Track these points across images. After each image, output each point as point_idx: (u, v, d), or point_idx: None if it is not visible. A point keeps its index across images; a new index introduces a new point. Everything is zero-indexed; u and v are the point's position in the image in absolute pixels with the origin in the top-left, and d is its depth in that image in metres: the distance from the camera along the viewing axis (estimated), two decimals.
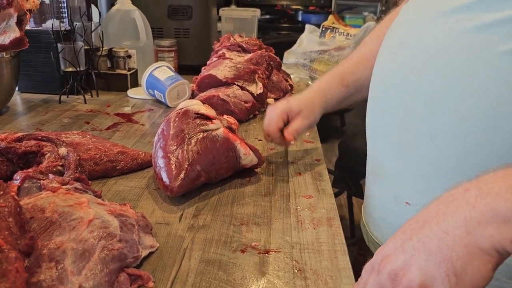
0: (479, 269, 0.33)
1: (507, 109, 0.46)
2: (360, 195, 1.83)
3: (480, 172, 0.36)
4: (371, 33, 0.82)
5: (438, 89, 0.51)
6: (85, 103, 1.14)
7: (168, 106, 1.12)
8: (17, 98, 1.16)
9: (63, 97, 1.16)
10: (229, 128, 0.73)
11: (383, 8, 3.49)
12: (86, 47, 1.17)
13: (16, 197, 0.48)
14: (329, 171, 0.81)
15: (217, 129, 0.69)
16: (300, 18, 3.79)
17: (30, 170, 0.54)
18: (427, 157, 0.54)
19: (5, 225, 0.43)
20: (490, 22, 0.47)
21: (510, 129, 0.46)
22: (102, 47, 1.21)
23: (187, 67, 1.46)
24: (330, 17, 2.19)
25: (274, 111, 0.79)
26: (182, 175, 0.64)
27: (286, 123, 0.79)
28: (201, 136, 0.68)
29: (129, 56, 1.27)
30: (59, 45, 1.11)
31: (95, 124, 0.98)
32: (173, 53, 1.41)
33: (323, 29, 2.13)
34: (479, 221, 0.33)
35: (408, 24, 0.58)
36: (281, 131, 0.78)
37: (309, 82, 1.58)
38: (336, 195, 2.09)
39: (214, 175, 0.68)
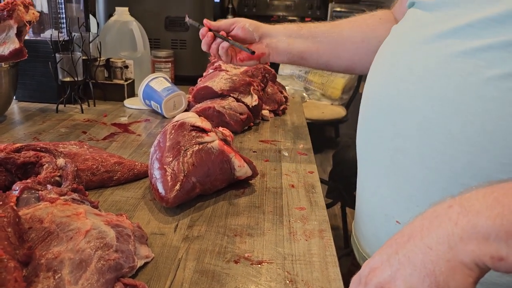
0: (461, 282, 0.34)
1: (493, 134, 0.48)
2: (354, 205, 1.84)
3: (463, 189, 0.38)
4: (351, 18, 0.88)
5: (427, 113, 0.53)
6: (82, 112, 1.15)
7: (164, 117, 1.13)
8: (14, 107, 1.17)
9: (60, 106, 1.17)
10: (224, 140, 0.74)
11: None
12: (84, 57, 1.18)
13: (15, 208, 0.49)
14: (323, 181, 0.83)
15: (213, 141, 0.71)
16: None
17: (28, 180, 0.55)
18: (417, 178, 0.55)
19: (4, 235, 0.45)
20: (477, 47, 0.49)
21: (496, 152, 0.48)
22: (100, 57, 1.23)
23: (183, 78, 1.48)
24: None
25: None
26: (177, 187, 0.65)
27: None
28: (197, 148, 0.69)
29: (126, 67, 1.29)
30: (57, 55, 1.12)
31: (92, 134, 1.00)
32: (170, 63, 1.42)
33: None
34: (461, 237, 0.34)
35: (398, 48, 0.60)
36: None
37: (304, 94, 1.61)
38: (330, 205, 2.11)
39: (209, 187, 0.70)
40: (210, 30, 0.87)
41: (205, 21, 0.87)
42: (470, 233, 0.34)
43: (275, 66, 1.93)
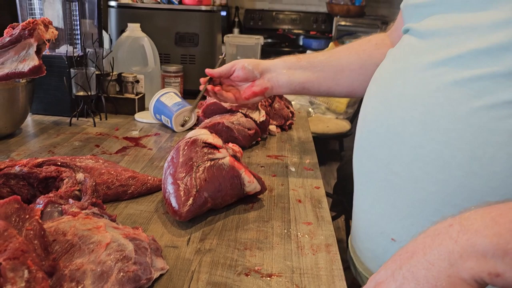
0: None
1: (482, 160, 0.51)
2: None
3: (462, 210, 0.41)
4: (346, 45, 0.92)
5: (420, 139, 0.56)
6: (95, 126, 1.19)
7: (174, 131, 1.17)
8: (29, 120, 1.21)
9: (73, 120, 1.21)
10: (234, 156, 0.77)
11: None
12: (97, 72, 1.22)
13: (40, 221, 0.52)
14: (328, 195, 0.85)
15: (224, 157, 0.74)
16: (301, 43, 3.88)
17: (51, 195, 0.58)
18: (411, 199, 0.58)
19: (31, 247, 0.48)
20: (467, 78, 0.52)
21: (485, 177, 0.51)
22: (112, 72, 1.27)
23: (192, 92, 1.51)
24: (331, 44, 2.26)
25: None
26: (190, 201, 0.68)
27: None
28: (209, 164, 0.72)
29: (137, 81, 1.32)
30: (72, 70, 1.16)
31: (104, 148, 1.03)
32: (179, 78, 1.46)
33: None
34: (460, 255, 0.37)
35: (393, 74, 0.64)
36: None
37: (310, 109, 1.64)
38: (334, 218, 2.13)
39: (220, 202, 0.73)
40: (210, 80, 0.93)
41: (207, 71, 0.93)
42: (469, 251, 0.37)
43: None
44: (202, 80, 0.94)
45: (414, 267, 0.40)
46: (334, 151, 3.07)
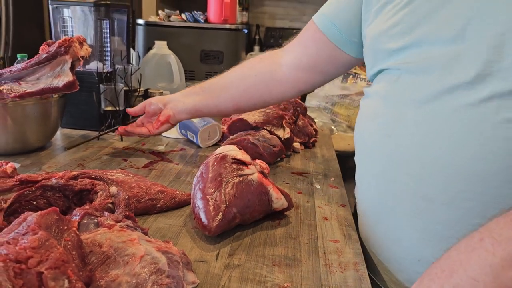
0: None
1: (492, 183, 0.54)
2: None
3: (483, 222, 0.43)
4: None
5: (450, 159, 0.58)
6: (122, 140, 1.21)
7: (199, 146, 1.18)
8: (58, 133, 1.24)
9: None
10: (262, 173, 0.78)
11: None
12: (125, 88, 1.25)
13: (78, 232, 0.54)
14: None
15: (252, 174, 0.75)
16: None
17: (87, 207, 0.60)
18: (446, 219, 0.60)
19: (70, 257, 0.49)
20: (479, 98, 0.56)
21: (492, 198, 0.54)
22: (140, 88, 1.30)
23: None
24: None
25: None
26: (219, 216, 0.69)
27: None
28: (237, 180, 0.73)
29: None
30: (101, 86, 1.19)
31: (132, 162, 1.05)
32: None
33: (345, 74, 2.21)
34: (502, 266, 0.38)
35: (395, 108, 0.67)
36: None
37: (332, 127, 1.65)
38: None
39: (248, 217, 0.73)
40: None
41: (127, 110, 1.09)
42: (509, 260, 0.38)
43: (303, 97, 1.98)
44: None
45: (457, 286, 0.40)
46: (354, 169, 3.04)
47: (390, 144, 0.67)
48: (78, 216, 0.57)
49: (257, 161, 0.83)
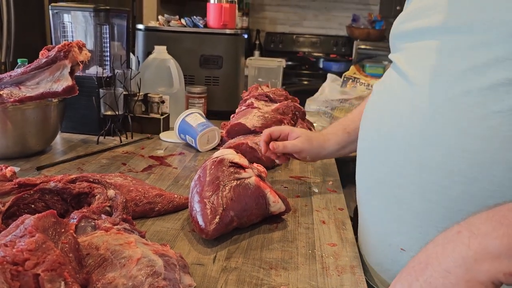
0: None
1: (482, 166, 0.54)
2: None
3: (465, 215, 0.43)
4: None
5: (422, 150, 0.59)
6: (121, 142, 1.21)
7: (198, 151, 1.19)
8: (58, 138, 1.24)
9: (100, 138, 1.24)
10: (259, 176, 0.79)
11: None
12: (124, 93, 1.26)
13: (75, 235, 0.54)
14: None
15: (249, 177, 0.75)
16: (321, 65, 3.90)
17: (85, 210, 0.60)
18: (417, 209, 0.61)
19: (67, 260, 0.49)
20: (458, 93, 0.56)
21: (485, 181, 0.54)
22: (139, 93, 1.30)
23: (215, 113, 1.54)
24: (352, 67, 2.27)
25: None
26: (216, 220, 0.69)
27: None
28: (235, 183, 0.74)
29: (163, 102, 1.36)
30: (101, 90, 1.20)
31: (131, 166, 1.05)
32: (203, 99, 1.49)
33: (345, 78, 2.21)
34: (475, 259, 0.39)
35: (384, 101, 0.69)
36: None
37: None
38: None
39: (245, 221, 0.74)
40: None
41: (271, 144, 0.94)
42: (483, 254, 0.39)
43: (302, 102, 1.98)
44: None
45: (431, 277, 0.41)
46: (353, 174, 3.05)
47: (375, 135, 0.69)
48: (76, 219, 0.58)
49: (255, 164, 0.83)
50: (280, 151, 0.92)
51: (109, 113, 1.22)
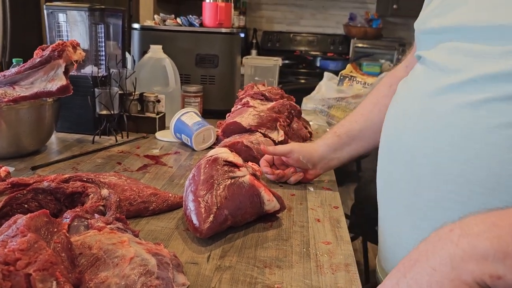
0: None
1: (500, 176, 0.52)
2: (376, 241, 1.84)
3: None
4: (369, 94, 0.95)
5: (440, 159, 0.58)
6: (116, 141, 1.21)
7: (193, 150, 1.19)
8: (53, 137, 1.24)
9: (96, 138, 1.24)
10: (254, 175, 0.79)
11: (399, 56, 3.60)
12: (120, 92, 1.25)
13: (67, 234, 0.54)
14: (345, 215, 0.86)
15: (244, 176, 0.75)
16: (318, 64, 3.91)
17: (78, 209, 0.60)
18: (435, 218, 0.59)
19: (59, 259, 0.49)
20: (481, 99, 0.54)
21: (503, 192, 0.53)
22: (135, 92, 1.30)
23: (211, 112, 1.54)
24: (348, 66, 2.28)
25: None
26: (211, 218, 0.69)
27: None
28: (229, 182, 0.74)
29: (158, 101, 1.36)
30: (96, 90, 1.20)
31: (126, 165, 1.05)
32: (199, 98, 1.49)
33: (341, 77, 2.22)
34: (462, 258, 0.38)
35: (407, 100, 0.66)
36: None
37: (327, 129, 1.65)
38: (351, 240, 2.11)
39: (240, 219, 0.74)
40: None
41: (262, 147, 1.00)
42: (471, 254, 0.38)
43: (299, 99, 1.98)
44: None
45: (417, 274, 0.40)
46: (351, 172, 3.06)
47: (394, 137, 0.67)
48: (69, 218, 0.58)
49: (249, 163, 0.83)
50: (270, 153, 0.96)
51: (104, 112, 1.22)
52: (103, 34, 1.27)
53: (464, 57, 0.58)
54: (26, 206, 0.65)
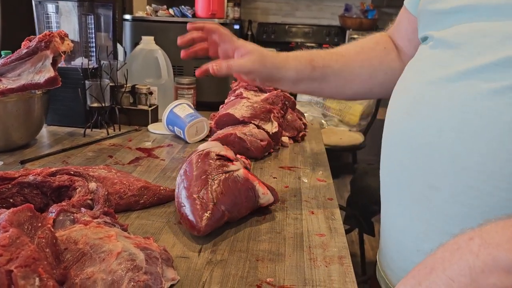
0: None
1: (502, 185, 0.50)
2: (372, 232, 1.84)
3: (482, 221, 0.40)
4: (353, 41, 0.86)
5: (460, 150, 0.53)
6: (108, 134, 1.19)
7: (186, 142, 1.17)
8: (44, 131, 1.22)
9: (87, 131, 1.22)
10: (246, 168, 0.77)
11: None
12: (111, 84, 1.23)
13: (52, 229, 0.52)
14: (341, 207, 0.84)
15: (238, 170, 0.74)
16: None
17: (64, 203, 0.58)
18: (451, 213, 0.56)
19: (43, 255, 0.48)
20: (505, 86, 0.50)
21: None
22: (126, 84, 1.28)
23: (205, 104, 1.52)
24: None
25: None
26: (208, 215, 0.67)
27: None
28: (223, 177, 0.72)
29: (151, 93, 1.33)
30: (86, 82, 1.18)
31: (117, 158, 1.03)
32: (192, 90, 1.47)
33: None
34: (482, 270, 0.36)
35: (420, 85, 0.61)
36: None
37: (322, 121, 1.64)
38: (347, 232, 2.10)
39: (236, 214, 0.72)
40: None
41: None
42: (491, 265, 0.36)
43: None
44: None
45: (433, 284, 0.38)
46: (347, 164, 3.05)
47: (406, 124, 0.61)
48: (54, 213, 0.56)
49: (239, 156, 0.82)
50: (223, 73, 0.78)
51: (95, 105, 1.20)
52: (93, 25, 1.25)
53: (483, 38, 0.54)
54: (11, 200, 0.64)
